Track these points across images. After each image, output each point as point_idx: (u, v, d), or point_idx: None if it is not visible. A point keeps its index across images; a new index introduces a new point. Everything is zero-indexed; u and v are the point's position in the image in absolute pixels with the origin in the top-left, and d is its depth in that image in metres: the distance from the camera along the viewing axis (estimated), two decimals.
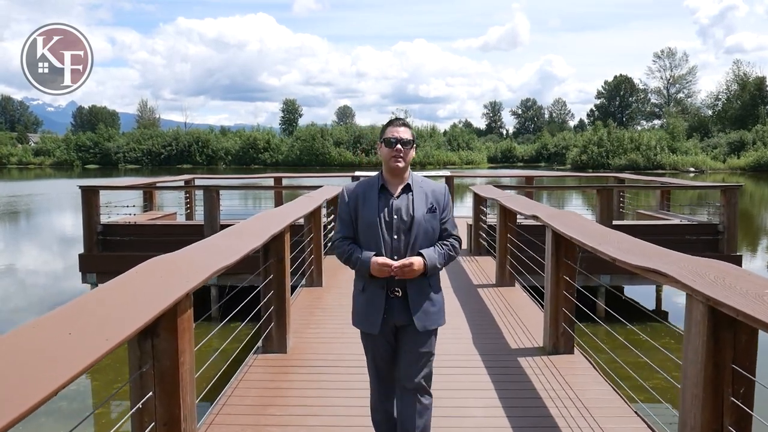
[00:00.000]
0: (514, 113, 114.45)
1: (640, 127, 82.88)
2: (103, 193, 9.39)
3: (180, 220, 12.28)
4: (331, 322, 5.65)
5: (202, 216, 9.23)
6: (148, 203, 12.09)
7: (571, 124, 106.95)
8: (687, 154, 58.59)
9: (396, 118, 2.82)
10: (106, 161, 71.20)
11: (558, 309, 4.56)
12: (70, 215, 22.30)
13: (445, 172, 17.37)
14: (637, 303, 9.64)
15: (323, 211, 8.33)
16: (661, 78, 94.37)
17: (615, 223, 8.92)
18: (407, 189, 2.74)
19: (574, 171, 55.07)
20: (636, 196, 14.72)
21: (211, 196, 9.01)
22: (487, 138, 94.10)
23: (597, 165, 58.56)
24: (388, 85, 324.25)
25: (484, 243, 9.17)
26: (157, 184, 11.92)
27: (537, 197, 11.68)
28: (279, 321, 4.57)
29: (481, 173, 40.15)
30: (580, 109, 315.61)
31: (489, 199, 8.08)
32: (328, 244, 8.99)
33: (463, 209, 13.48)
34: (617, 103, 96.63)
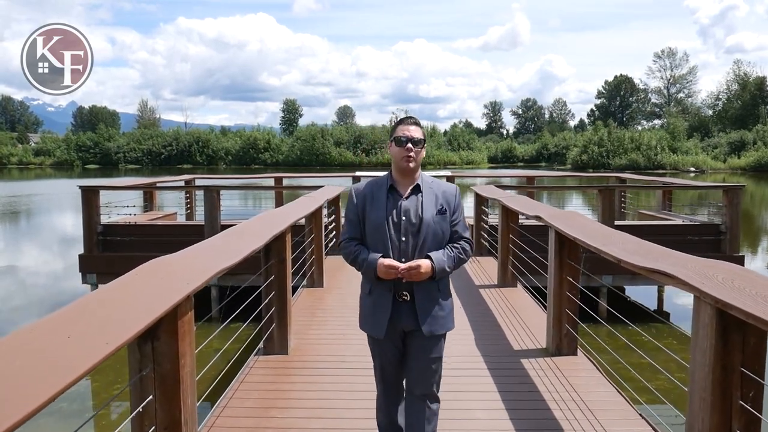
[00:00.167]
0: (514, 113, 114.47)
1: (640, 127, 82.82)
2: (103, 193, 9.36)
3: (180, 220, 12.26)
4: (332, 323, 5.61)
5: (203, 216, 9.20)
6: (149, 203, 12.06)
7: (572, 124, 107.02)
8: (687, 154, 58.56)
9: (407, 117, 2.74)
10: (107, 161, 71.18)
11: (561, 310, 4.53)
12: (70, 215, 22.27)
13: (446, 172, 17.33)
14: (639, 303, 9.62)
15: (324, 211, 8.30)
16: (661, 78, 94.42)
17: (617, 223, 8.88)
18: (417, 190, 2.67)
19: (575, 171, 55.03)
20: (636, 196, 14.70)
21: (211, 196, 8.98)
22: (488, 138, 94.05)
23: (597, 165, 58.52)
24: (389, 85, 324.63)
25: (486, 243, 9.14)
26: (157, 185, 11.89)
27: (537, 197, 11.64)
28: (280, 322, 4.54)
29: (482, 173, 40.09)
30: (580, 109, 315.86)
31: (490, 199, 8.05)
32: (330, 245, 8.96)
33: (464, 209, 13.42)
34: (617, 103, 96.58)
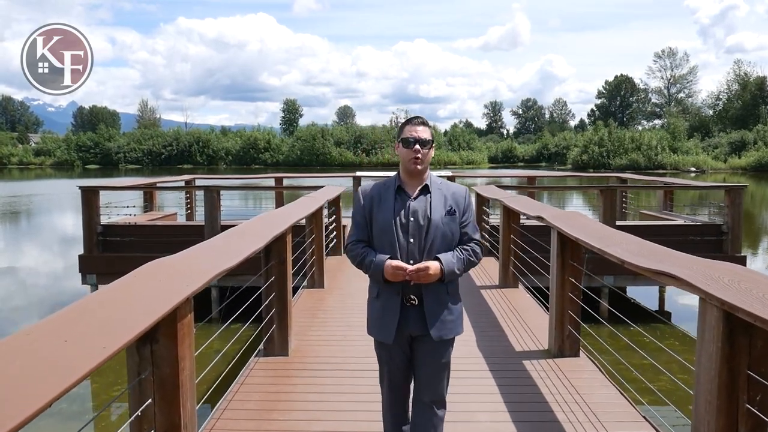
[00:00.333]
0: (514, 113, 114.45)
1: (640, 127, 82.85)
2: (103, 193, 9.33)
3: (180, 220, 12.23)
4: (333, 324, 5.59)
5: (203, 216, 9.17)
6: (149, 203, 12.03)
7: (572, 124, 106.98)
8: (688, 154, 58.54)
9: (415, 117, 2.68)
10: (107, 161, 71.17)
11: (564, 311, 4.50)
12: (70, 215, 22.25)
13: (446, 173, 17.27)
14: (640, 304, 9.59)
15: (325, 211, 8.27)
16: (661, 78, 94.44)
17: (618, 223, 8.85)
18: (425, 190, 2.62)
19: (575, 171, 55.01)
20: (637, 196, 14.66)
21: (211, 196, 8.95)
22: (488, 138, 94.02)
23: (598, 165, 58.50)
24: (389, 85, 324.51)
25: (487, 244, 9.11)
26: (157, 185, 11.86)
27: (537, 197, 11.61)
28: (281, 323, 4.51)
29: (482, 173, 40.06)
30: (580, 109, 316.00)
31: (491, 200, 8.02)
32: (330, 245, 8.93)
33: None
34: (618, 102, 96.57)
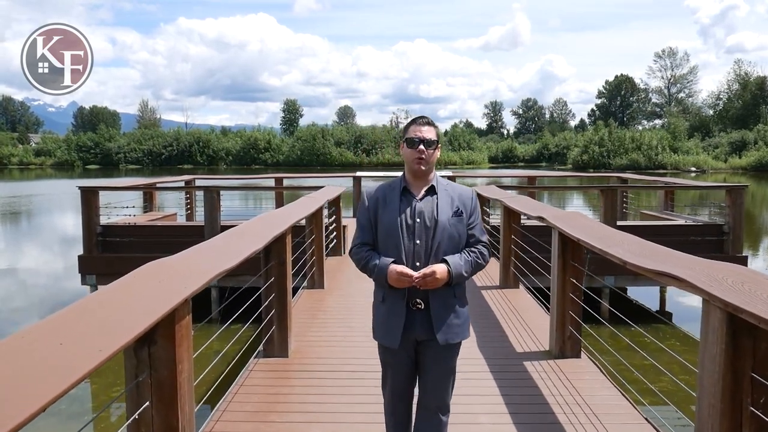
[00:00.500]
0: (514, 113, 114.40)
1: (641, 127, 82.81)
2: (102, 193, 9.31)
3: (180, 220, 12.21)
4: (333, 324, 5.57)
5: (203, 217, 9.15)
6: (148, 204, 12.00)
7: (572, 123, 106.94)
8: (688, 154, 58.52)
9: (420, 117, 2.63)
10: (107, 161, 71.16)
11: (565, 312, 4.48)
12: (71, 216, 22.23)
13: (447, 173, 17.25)
14: (641, 304, 9.56)
15: (325, 212, 8.25)
16: (662, 78, 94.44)
17: (619, 223, 8.83)
18: (431, 191, 2.57)
19: (576, 171, 54.99)
20: (638, 196, 14.63)
21: (211, 196, 8.93)
22: (488, 138, 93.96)
23: (598, 165, 58.47)
24: (389, 85, 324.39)
25: None
26: (157, 185, 11.84)
27: (538, 197, 11.59)
28: (280, 324, 4.49)
29: (483, 173, 40.04)
30: (581, 109, 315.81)
31: (492, 200, 8.00)
32: (330, 246, 8.91)
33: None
34: (618, 102, 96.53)
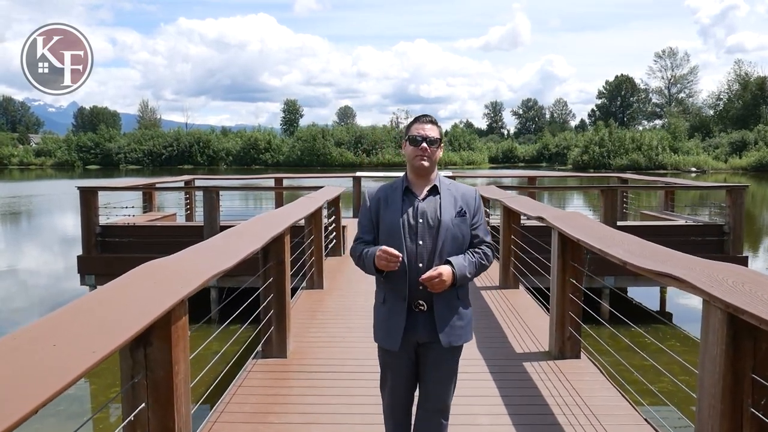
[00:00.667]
0: (515, 113, 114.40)
1: (641, 127, 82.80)
2: (102, 194, 9.29)
3: (180, 221, 12.19)
4: (332, 325, 5.55)
5: (202, 217, 9.14)
6: (148, 204, 11.98)
7: (573, 124, 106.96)
8: (689, 154, 58.50)
9: (423, 115, 2.60)
10: (107, 162, 71.14)
11: (564, 313, 4.46)
12: (71, 216, 22.23)
13: (447, 173, 17.23)
14: (641, 304, 9.54)
15: (324, 212, 8.23)
16: (662, 78, 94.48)
17: (619, 223, 8.81)
18: (434, 191, 2.53)
19: (576, 171, 54.95)
20: (638, 196, 14.61)
21: (210, 197, 8.92)
22: (488, 138, 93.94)
23: (598, 165, 58.45)
24: (389, 85, 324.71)
25: None
26: (156, 185, 11.83)
27: (537, 198, 11.57)
28: (279, 325, 4.47)
29: (483, 173, 40.01)
30: (581, 109, 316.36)
31: (492, 200, 7.98)
32: (330, 246, 8.89)
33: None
34: (618, 103, 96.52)
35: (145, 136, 74.61)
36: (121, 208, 10.63)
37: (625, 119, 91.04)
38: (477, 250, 2.54)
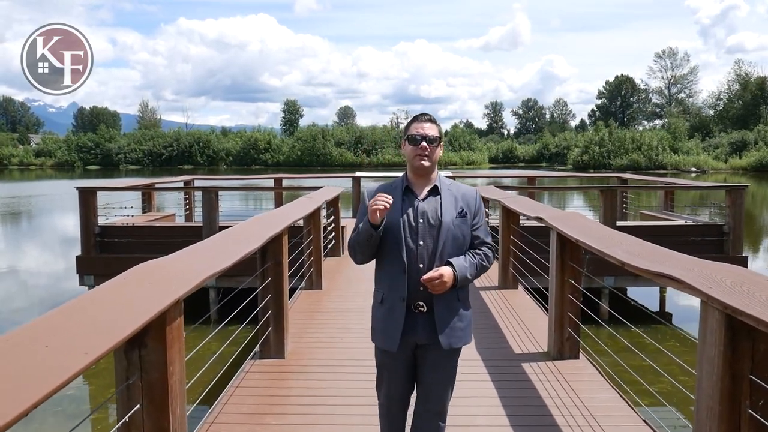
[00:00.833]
0: (515, 113, 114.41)
1: (641, 127, 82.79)
2: (101, 194, 9.28)
3: (179, 221, 12.18)
4: (331, 325, 5.54)
5: (201, 217, 9.13)
6: (147, 204, 11.97)
7: (573, 124, 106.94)
8: (689, 154, 58.50)
9: (421, 114, 2.58)
10: (107, 162, 71.17)
11: (563, 313, 4.45)
12: (71, 216, 22.20)
13: (447, 173, 17.22)
14: (640, 305, 9.53)
15: (323, 212, 8.22)
16: (662, 78, 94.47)
17: (618, 223, 8.80)
18: (435, 191, 2.51)
19: (576, 171, 54.94)
20: (638, 196, 14.59)
21: (209, 197, 8.90)
22: (488, 138, 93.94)
23: (598, 165, 58.47)
24: (390, 85, 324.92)
25: None
26: (155, 185, 11.82)
27: (538, 198, 11.56)
28: (277, 325, 4.46)
29: (483, 173, 40.00)
30: (581, 109, 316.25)
31: (491, 200, 7.97)
32: (329, 246, 8.88)
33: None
34: (618, 103, 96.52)
35: (145, 137, 74.66)
36: (120, 208, 10.62)
37: (625, 119, 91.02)
38: (477, 251, 2.52)
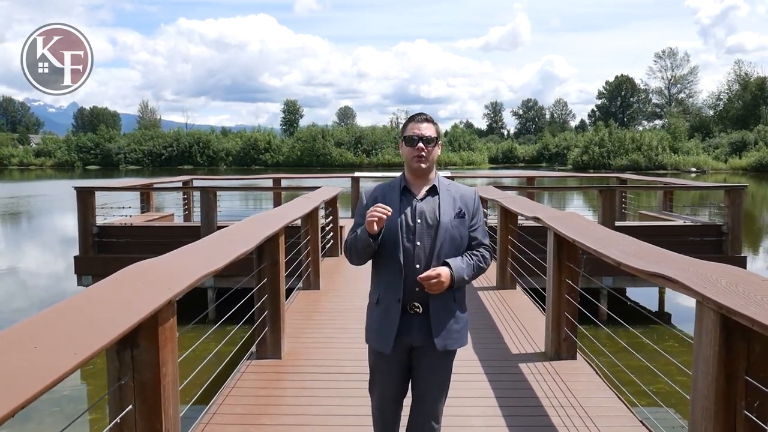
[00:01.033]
0: (515, 114, 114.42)
1: (641, 128, 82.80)
2: (99, 194, 9.27)
3: (178, 221, 12.17)
4: (328, 326, 5.52)
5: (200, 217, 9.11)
6: (146, 204, 11.96)
7: (573, 124, 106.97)
8: (688, 155, 58.51)
9: (418, 114, 2.54)
10: (107, 162, 71.17)
11: (560, 314, 4.44)
12: (71, 216, 22.16)
13: (447, 173, 17.20)
14: (639, 305, 9.52)
15: (321, 212, 8.21)
16: (662, 78, 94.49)
17: (617, 224, 8.79)
18: (433, 191, 2.48)
19: (576, 171, 54.92)
20: (637, 196, 14.58)
21: (208, 197, 8.90)
22: (488, 138, 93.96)
23: (598, 165, 58.47)
24: (390, 85, 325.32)
25: None
26: (153, 185, 11.81)
27: (538, 198, 11.56)
28: (273, 326, 4.45)
29: (482, 174, 39.96)
30: (581, 110, 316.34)
31: (489, 200, 7.96)
32: (327, 246, 8.87)
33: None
34: (618, 103, 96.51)
35: (145, 137, 74.66)
36: (118, 208, 10.60)
37: (625, 119, 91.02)
38: (475, 252, 2.50)
